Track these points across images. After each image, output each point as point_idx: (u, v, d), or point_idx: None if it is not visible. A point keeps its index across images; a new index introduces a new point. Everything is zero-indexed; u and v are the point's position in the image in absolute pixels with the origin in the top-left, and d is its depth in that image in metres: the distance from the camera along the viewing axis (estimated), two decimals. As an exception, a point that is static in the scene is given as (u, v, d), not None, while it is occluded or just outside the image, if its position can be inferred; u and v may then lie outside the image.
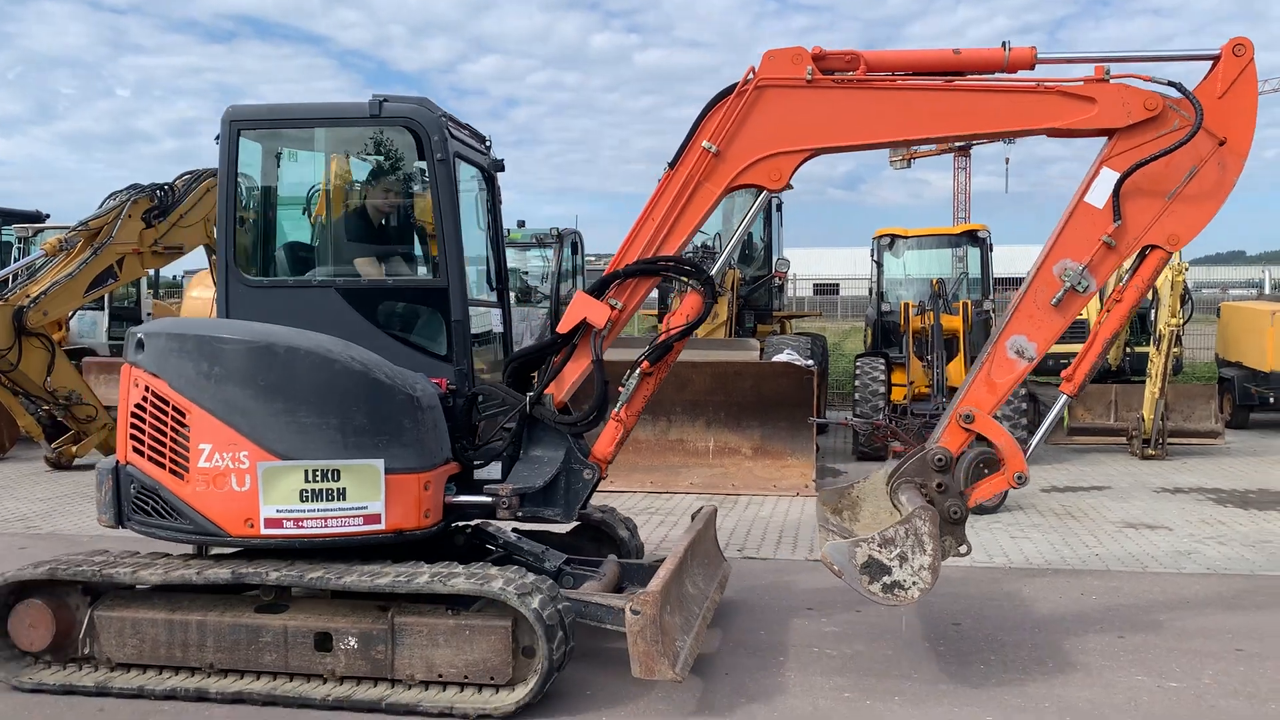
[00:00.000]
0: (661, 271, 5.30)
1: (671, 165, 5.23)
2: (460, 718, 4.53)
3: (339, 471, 4.72)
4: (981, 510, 9.14)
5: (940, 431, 5.17)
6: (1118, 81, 5.00)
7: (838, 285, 41.31)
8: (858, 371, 12.52)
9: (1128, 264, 5.32)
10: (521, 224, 17.14)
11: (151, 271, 15.10)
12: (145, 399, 4.85)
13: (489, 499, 5.16)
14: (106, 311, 15.34)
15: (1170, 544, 7.96)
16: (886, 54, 5.20)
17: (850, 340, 23.13)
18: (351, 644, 4.68)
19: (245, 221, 5.48)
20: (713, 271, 5.38)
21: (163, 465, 4.81)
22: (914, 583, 4.62)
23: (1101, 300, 5.70)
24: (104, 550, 5.22)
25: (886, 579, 4.63)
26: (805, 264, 18.94)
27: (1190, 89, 4.92)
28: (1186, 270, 11.65)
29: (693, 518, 6.14)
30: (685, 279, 5.35)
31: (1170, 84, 4.96)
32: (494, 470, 5.32)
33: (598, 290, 5.25)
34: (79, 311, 13.78)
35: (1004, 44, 5.09)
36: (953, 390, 11.62)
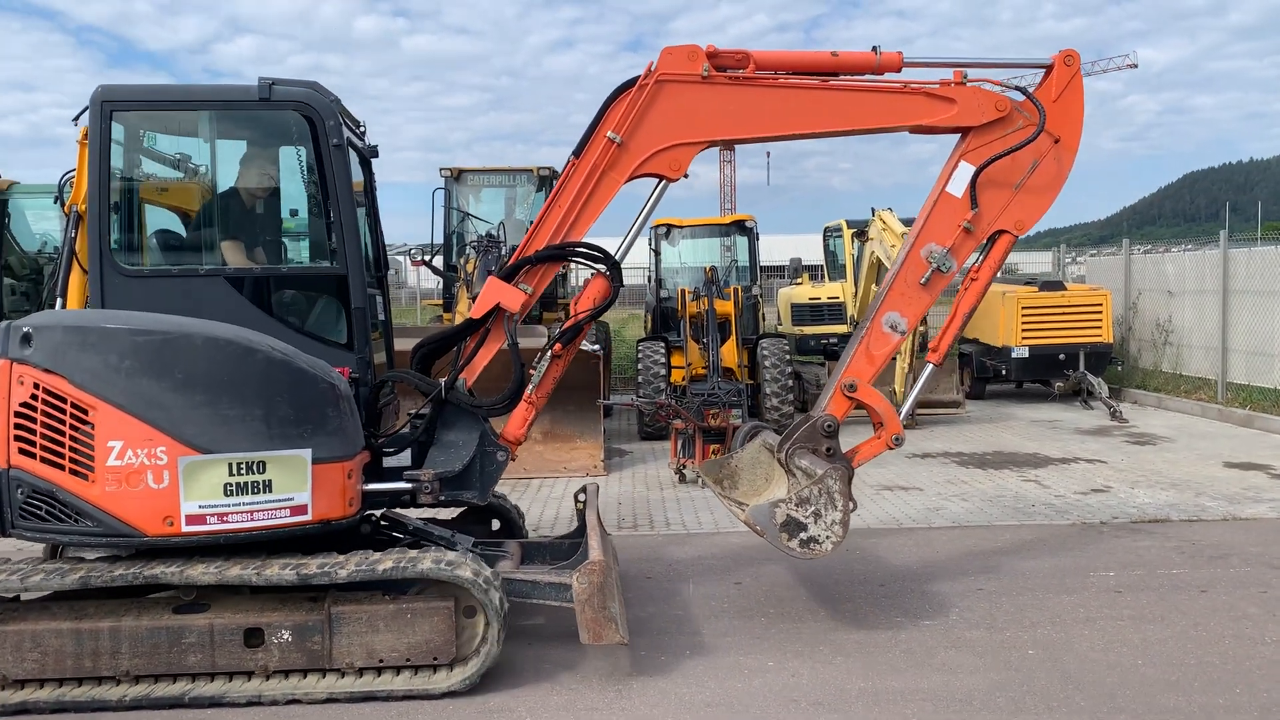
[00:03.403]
0: (570, 257, 5.50)
1: (576, 154, 5.42)
2: (414, 698, 4.60)
3: (265, 463, 4.60)
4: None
5: (826, 400, 5.61)
6: (973, 85, 5.55)
7: (615, 274, 42.01)
8: (639, 355, 12.94)
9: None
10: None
11: None
12: (35, 397, 4.50)
13: (409, 485, 5.19)
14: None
15: (921, 502, 8.79)
16: (773, 54, 5.52)
17: (629, 327, 23.68)
18: (285, 637, 4.61)
19: (118, 208, 5.15)
20: (617, 257, 5.57)
21: (61, 466, 4.51)
22: (828, 536, 5.04)
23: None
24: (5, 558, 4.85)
25: (803, 535, 5.03)
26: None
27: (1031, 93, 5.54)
28: (930, 256, 12.71)
29: (577, 496, 6.26)
30: (592, 264, 5.54)
31: (1017, 88, 5.58)
32: (401, 458, 5.32)
33: (509, 275, 5.36)
34: None
35: (875, 49, 5.52)
36: (727, 370, 12.28)
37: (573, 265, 15.37)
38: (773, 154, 79.07)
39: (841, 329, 16.21)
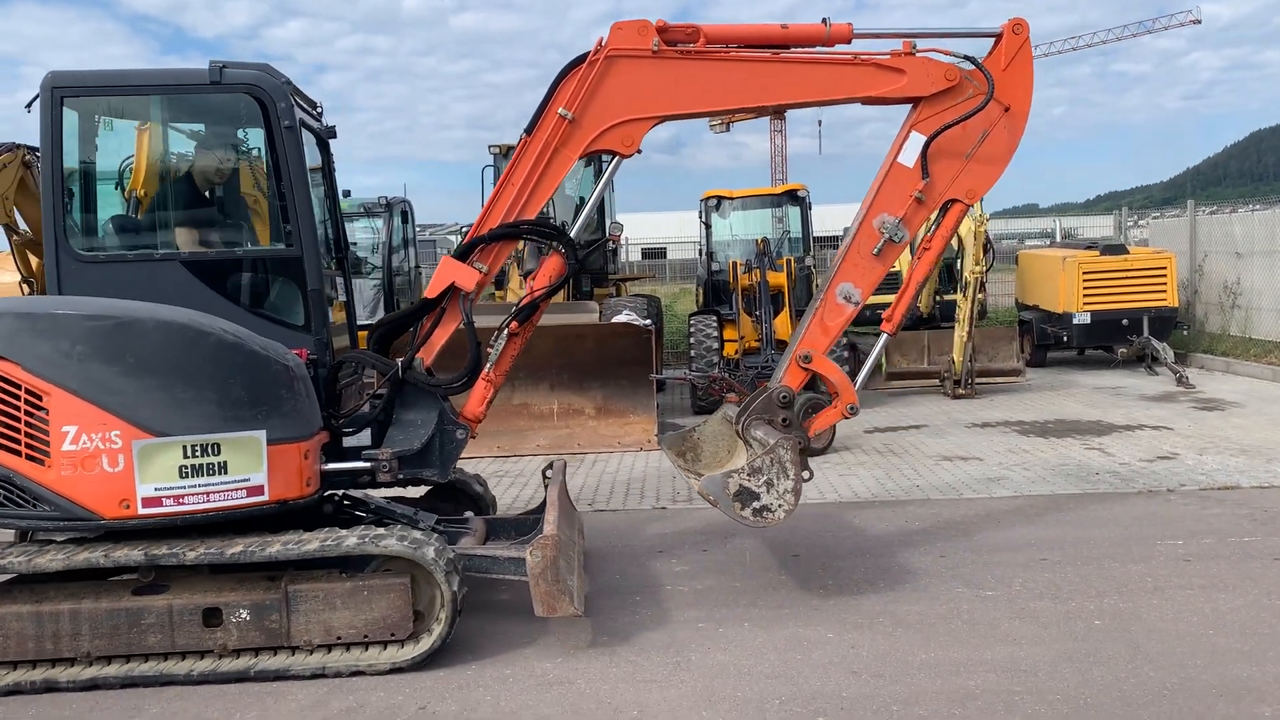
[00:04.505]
0: (524, 235, 5.48)
1: (528, 132, 5.39)
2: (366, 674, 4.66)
3: (219, 445, 4.65)
4: (812, 451, 9.68)
5: (782, 372, 5.66)
6: (922, 55, 5.50)
7: (665, 249, 41.98)
8: (692, 329, 12.89)
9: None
10: (347, 194, 16.73)
11: None
12: None
13: (368, 464, 5.21)
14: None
15: (982, 472, 8.65)
16: (723, 27, 5.50)
17: (681, 301, 23.63)
18: (244, 616, 4.67)
19: (73, 194, 5.23)
20: (572, 234, 5.56)
21: (17, 452, 4.55)
22: (780, 505, 5.05)
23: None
24: None
25: (756, 504, 5.05)
26: (632, 228, 19.23)
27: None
28: (988, 222, 12.46)
29: (544, 472, 6.35)
30: (547, 242, 5.51)
31: (966, 58, 5.54)
32: (362, 437, 5.35)
33: (463, 255, 5.36)
34: None
35: (824, 20, 5.52)
36: (781, 343, 12.17)
37: (609, 245, 15.47)
38: (824, 122, 78.25)
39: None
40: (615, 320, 12.02)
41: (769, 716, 4.17)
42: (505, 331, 5.45)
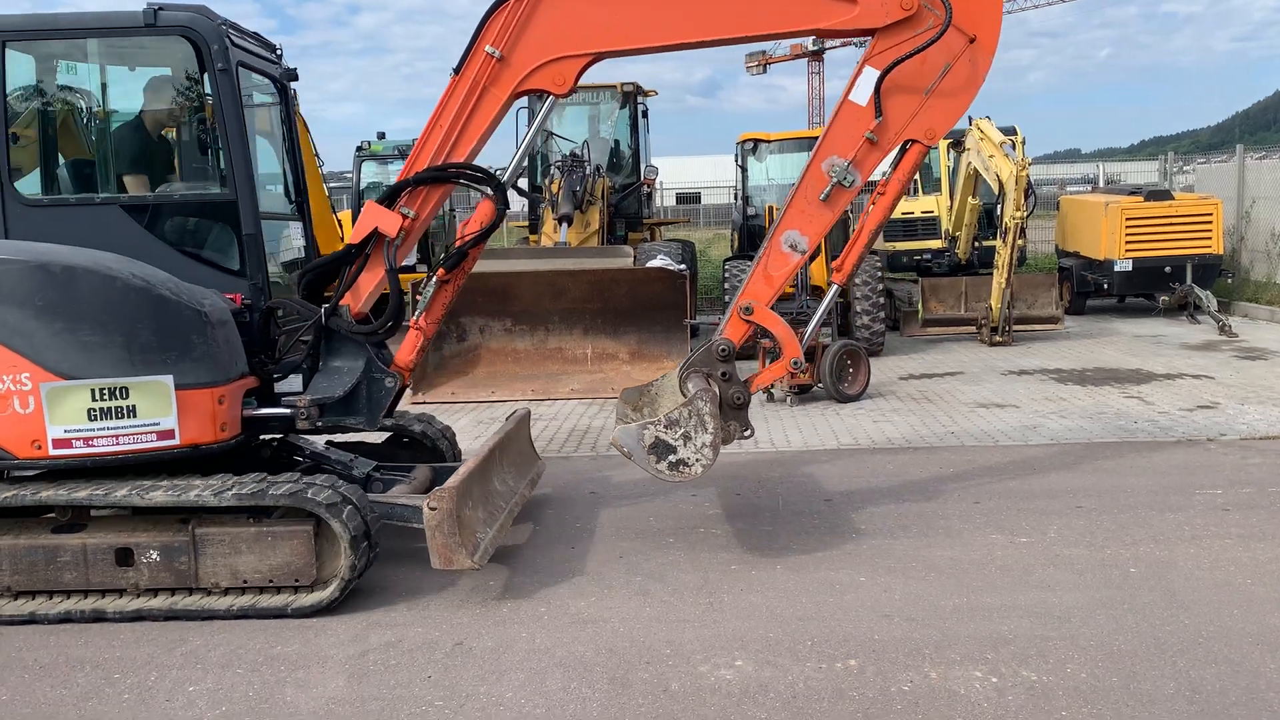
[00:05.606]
0: (453, 179, 5.32)
1: (456, 71, 5.23)
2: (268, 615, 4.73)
3: (127, 389, 4.72)
4: (845, 398, 9.66)
5: (724, 324, 5.44)
6: None
7: (699, 193, 41.65)
8: (727, 274, 12.81)
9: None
10: (381, 135, 16.72)
11: None
12: None
13: (288, 411, 5.23)
14: None
15: (1018, 420, 8.60)
16: None
17: (715, 247, 23.50)
18: (154, 557, 4.77)
19: (18, 138, 5.22)
20: (505, 179, 5.45)
21: None
22: (697, 459, 4.96)
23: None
24: None
25: (672, 457, 4.96)
26: (666, 172, 19.09)
27: None
28: (1029, 166, 12.24)
29: (507, 419, 6.34)
30: (476, 186, 5.40)
31: None
32: (296, 383, 5.37)
33: (388, 199, 5.26)
34: None
35: None
36: (816, 288, 12.10)
37: (644, 189, 15.36)
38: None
39: (935, 244, 15.82)
40: (650, 265, 11.99)
41: (801, 658, 4.20)
42: (434, 279, 5.37)
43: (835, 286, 5.76)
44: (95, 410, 4.69)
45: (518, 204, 17.37)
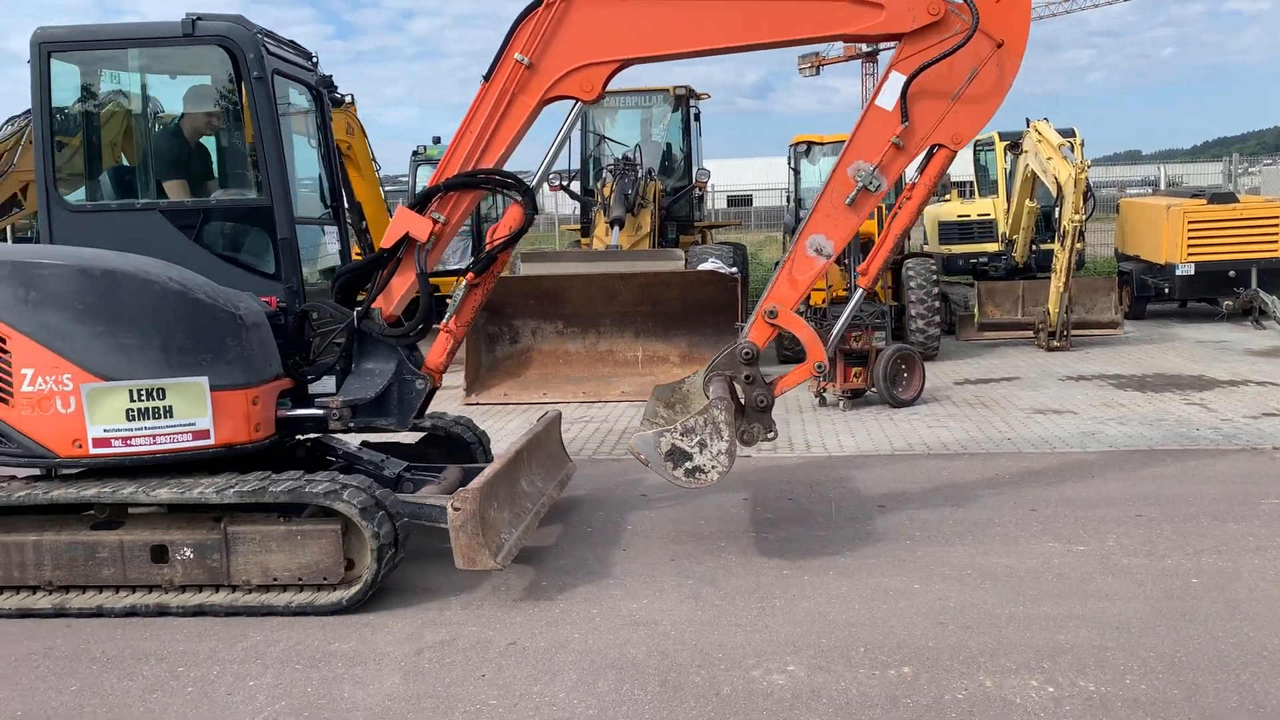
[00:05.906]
0: (482, 185, 5.41)
1: (486, 78, 5.29)
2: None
3: (164, 390, 4.85)
4: (899, 403, 9.59)
5: (748, 327, 5.44)
6: None
7: (751, 196, 41.55)
8: (778, 277, 12.75)
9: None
10: (437, 140, 16.89)
11: None
12: None
13: (321, 411, 5.32)
14: (10, 243, 14.85)
15: (1076, 426, 8.48)
16: None
17: (766, 250, 23.42)
18: (188, 554, 4.88)
19: (63, 146, 5.38)
20: (532, 185, 5.49)
21: None
22: (713, 466, 4.96)
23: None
24: None
25: (688, 464, 4.96)
26: (718, 175, 19.09)
27: None
28: (1088, 168, 12.05)
29: (537, 421, 6.36)
30: (506, 191, 5.47)
31: None
32: (329, 385, 5.45)
33: (420, 205, 5.34)
34: None
35: None
36: (870, 293, 12.00)
37: (695, 193, 15.34)
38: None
39: (992, 247, 15.64)
40: (701, 268, 11.98)
41: (854, 664, 4.18)
42: (464, 283, 5.45)
43: (860, 290, 5.72)
44: (133, 410, 4.84)
45: (569, 207, 17.45)
